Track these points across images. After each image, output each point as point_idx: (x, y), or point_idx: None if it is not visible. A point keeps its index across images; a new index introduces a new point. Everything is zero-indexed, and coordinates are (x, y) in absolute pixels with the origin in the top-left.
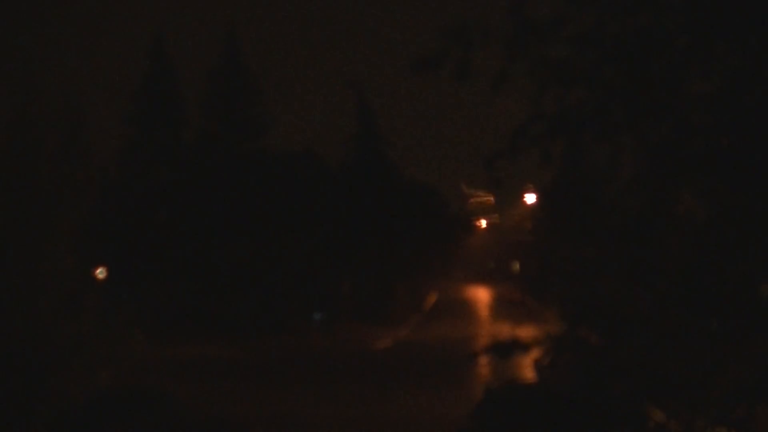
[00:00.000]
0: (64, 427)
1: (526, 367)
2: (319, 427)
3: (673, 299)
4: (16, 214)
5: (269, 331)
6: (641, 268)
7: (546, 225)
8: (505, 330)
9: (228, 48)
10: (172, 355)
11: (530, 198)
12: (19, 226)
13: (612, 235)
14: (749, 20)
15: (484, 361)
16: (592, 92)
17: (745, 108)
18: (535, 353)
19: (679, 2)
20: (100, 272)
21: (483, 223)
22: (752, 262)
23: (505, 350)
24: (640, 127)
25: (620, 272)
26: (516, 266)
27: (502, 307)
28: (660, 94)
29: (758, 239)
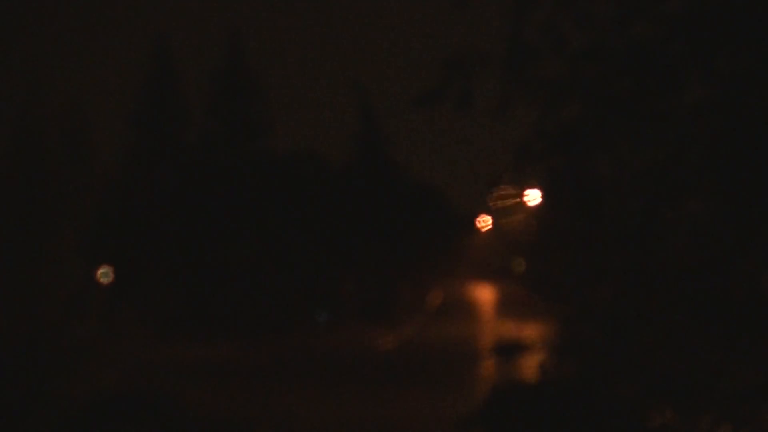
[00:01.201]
0: (68, 428)
1: (531, 367)
2: (323, 427)
3: (677, 300)
4: (21, 216)
5: (273, 331)
6: (644, 270)
7: (550, 225)
8: (510, 329)
9: (230, 49)
10: (176, 355)
11: (535, 197)
12: (23, 228)
13: (615, 237)
14: (747, 26)
15: (489, 361)
16: (590, 106)
17: (744, 113)
18: (540, 354)
19: (676, 10)
20: (106, 274)
21: (489, 221)
22: (754, 263)
23: (510, 352)
24: (641, 136)
25: (624, 274)
26: (521, 265)
27: (506, 306)
28: (659, 102)
29: (760, 241)
